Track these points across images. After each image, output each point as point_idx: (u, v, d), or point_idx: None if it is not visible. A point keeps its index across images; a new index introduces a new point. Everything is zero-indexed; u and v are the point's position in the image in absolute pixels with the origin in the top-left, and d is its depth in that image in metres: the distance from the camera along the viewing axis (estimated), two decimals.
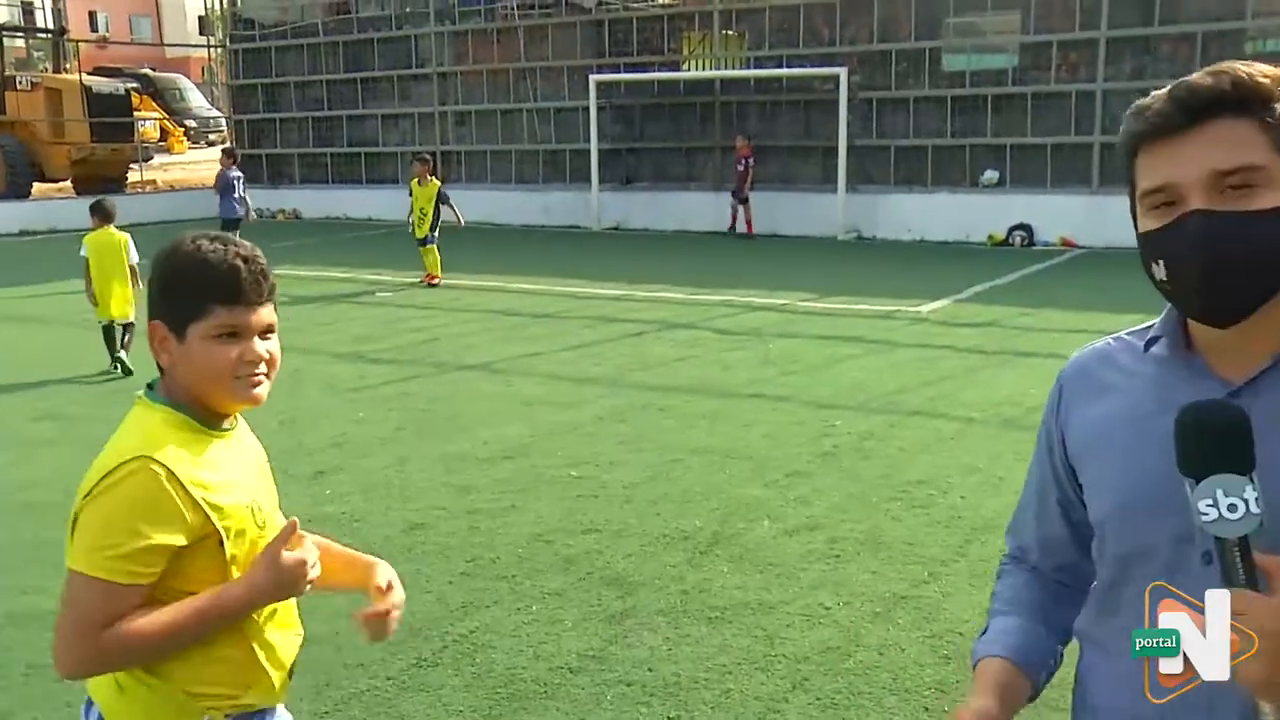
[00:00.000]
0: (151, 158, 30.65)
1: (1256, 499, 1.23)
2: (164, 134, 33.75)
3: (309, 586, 1.95)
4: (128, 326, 9.70)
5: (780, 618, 4.57)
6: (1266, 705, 1.24)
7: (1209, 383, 1.40)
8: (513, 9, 23.58)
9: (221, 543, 1.89)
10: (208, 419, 1.95)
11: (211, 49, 31.14)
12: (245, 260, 1.90)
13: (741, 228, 20.18)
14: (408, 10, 25.01)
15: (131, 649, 1.84)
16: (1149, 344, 1.51)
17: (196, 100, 41.58)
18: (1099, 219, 16.86)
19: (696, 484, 6.29)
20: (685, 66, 22.40)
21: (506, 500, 6.09)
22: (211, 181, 19.38)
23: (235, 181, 16.18)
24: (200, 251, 1.90)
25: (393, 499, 6.17)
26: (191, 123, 38.95)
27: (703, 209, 20.82)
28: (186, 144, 36.45)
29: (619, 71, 22.15)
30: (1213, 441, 1.26)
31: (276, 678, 2.03)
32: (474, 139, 24.44)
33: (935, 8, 19.60)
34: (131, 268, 9.79)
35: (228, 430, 1.99)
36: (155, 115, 32.97)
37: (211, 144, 37.11)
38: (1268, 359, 1.38)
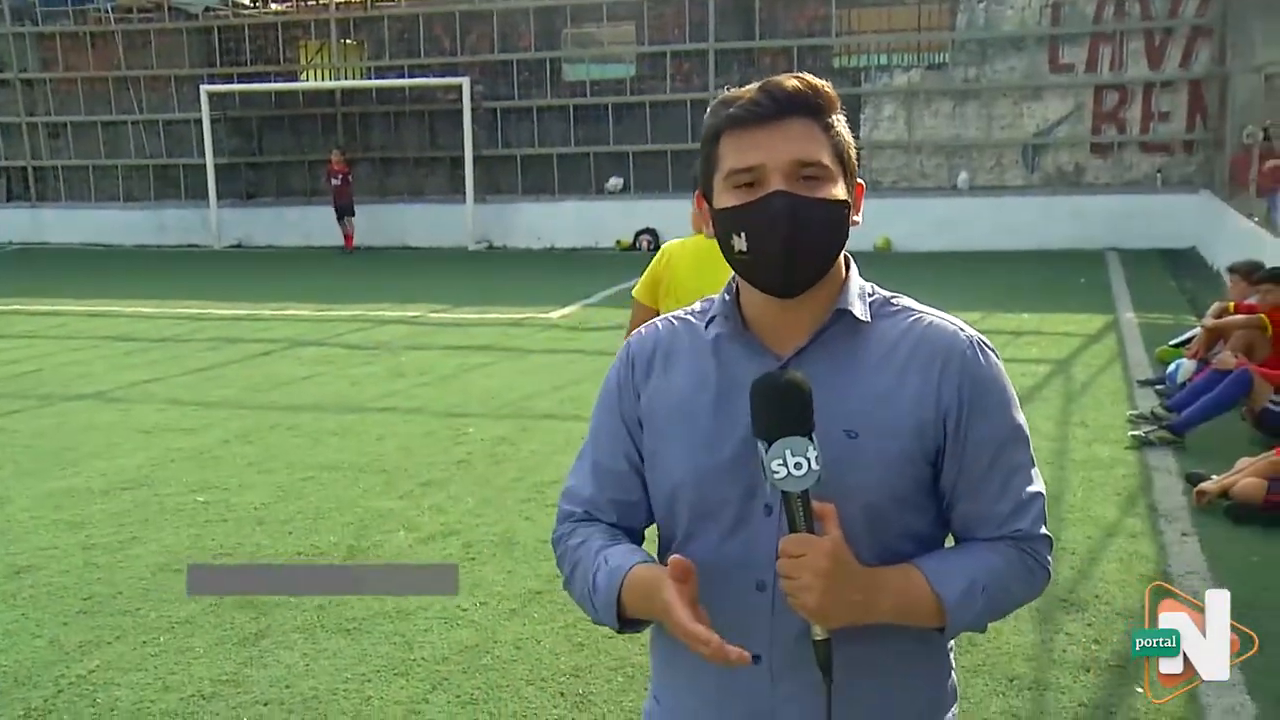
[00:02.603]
0: None
1: (816, 457, 1.42)
2: None
3: None
4: None
5: (419, 623, 4.65)
6: (817, 627, 1.46)
7: (765, 358, 1.58)
8: (107, 11, 22.07)
9: None
10: None
11: None
12: None
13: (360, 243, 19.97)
14: None
15: None
16: (709, 323, 1.66)
17: None
18: None
19: (329, 500, 6.23)
20: (303, 76, 21.84)
21: (127, 532, 5.78)
22: None
23: None
24: None
25: None
26: None
27: (328, 224, 20.33)
28: None
29: (232, 81, 21.29)
30: (782, 407, 1.43)
31: None
32: (72, 153, 22.67)
33: (554, 18, 20.24)
34: None
35: None
36: None
37: None
38: (807, 336, 1.59)
